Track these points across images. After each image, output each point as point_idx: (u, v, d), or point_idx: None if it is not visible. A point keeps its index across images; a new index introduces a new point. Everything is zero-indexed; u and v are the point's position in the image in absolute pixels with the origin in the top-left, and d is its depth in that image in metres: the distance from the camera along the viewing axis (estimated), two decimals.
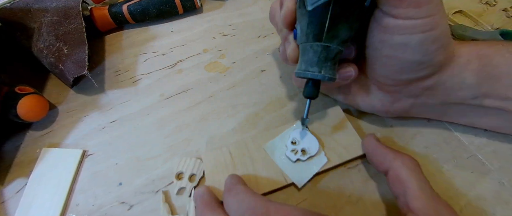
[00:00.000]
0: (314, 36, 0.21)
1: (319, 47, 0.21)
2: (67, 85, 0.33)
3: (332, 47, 0.21)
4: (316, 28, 0.20)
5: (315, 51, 0.21)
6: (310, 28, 0.21)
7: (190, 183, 0.26)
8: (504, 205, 0.24)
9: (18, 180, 0.27)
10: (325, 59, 0.21)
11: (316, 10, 0.20)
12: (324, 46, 0.21)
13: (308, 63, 0.22)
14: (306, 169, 0.25)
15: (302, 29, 0.22)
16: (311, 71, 0.22)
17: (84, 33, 0.32)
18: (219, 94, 0.32)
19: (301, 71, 0.22)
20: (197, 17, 0.40)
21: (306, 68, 0.22)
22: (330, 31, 0.20)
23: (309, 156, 0.26)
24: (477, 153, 0.27)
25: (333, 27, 0.20)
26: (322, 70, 0.21)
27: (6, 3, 0.34)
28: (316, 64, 0.21)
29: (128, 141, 0.29)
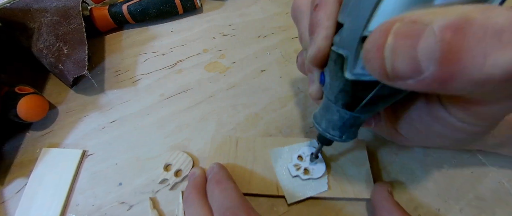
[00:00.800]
0: (344, 105, 0.17)
1: (347, 115, 0.18)
2: (67, 85, 0.33)
3: (363, 117, 0.18)
4: (350, 99, 0.17)
5: (342, 117, 0.18)
6: (342, 95, 0.17)
7: (175, 177, 0.26)
8: (504, 205, 0.24)
9: (18, 180, 0.27)
10: (350, 125, 0.19)
11: (354, 82, 0.15)
12: (353, 116, 0.18)
13: (330, 124, 0.19)
14: (301, 189, 0.25)
15: (332, 87, 0.17)
16: (331, 134, 0.19)
17: (84, 33, 0.32)
18: (219, 94, 0.32)
19: (321, 128, 0.20)
20: (197, 17, 0.40)
21: (326, 128, 0.19)
22: (367, 106, 0.17)
23: (309, 177, 0.25)
24: (477, 153, 0.27)
25: (372, 104, 0.16)
26: (344, 136, 0.19)
27: (6, 3, 0.34)
28: (339, 128, 0.19)
29: (128, 141, 0.29)
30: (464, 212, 0.24)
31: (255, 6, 0.42)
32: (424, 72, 0.10)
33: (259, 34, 0.38)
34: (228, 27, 0.39)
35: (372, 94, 0.15)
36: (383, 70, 0.11)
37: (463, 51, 0.09)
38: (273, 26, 0.39)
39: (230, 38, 0.38)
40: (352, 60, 0.15)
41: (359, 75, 0.15)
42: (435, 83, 0.10)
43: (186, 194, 0.23)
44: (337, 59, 0.16)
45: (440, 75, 0.10)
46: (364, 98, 0.16)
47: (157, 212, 0.25)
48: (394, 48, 0.10)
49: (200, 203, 0.21)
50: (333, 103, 0.18)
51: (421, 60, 0.10)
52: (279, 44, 0.37)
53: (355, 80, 0.15)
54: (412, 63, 0.10)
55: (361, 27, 0.13)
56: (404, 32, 0.10)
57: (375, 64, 0.11)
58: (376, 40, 0.11)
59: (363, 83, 0.15)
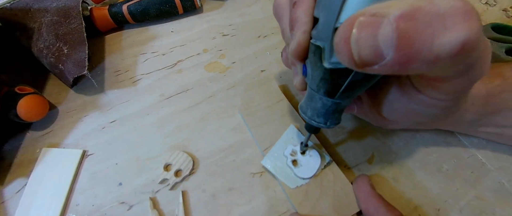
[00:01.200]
0: (326, 92, 0.19)
1: (329, 102, 0.19)
2: (67, 85, 0.33)
3: (343, 103, 0.20)
4: (330, 86, 0.18)
5: (324, 104, 0.20)
6: (322, 83, 0.18)
7: (175, 177, 0.26)
8: (504, 205, 0.24)
9: (18, 180, 0.27)
10: (333, 112, 0.20)
11: (332, 70, 0.17)
12: (334, 102, 0.19)
13: (315, 112, 0.21)
14: (307, 169, 0.25)
15: (313, 77, 0.19)
16: (317, 121, 0.21)
17: (84, 33, 0.32)
18: (219, 94, 0.32)
19: (307, 117, 0.21)
20: (197, 17, 0.40)
21: (312, 116, 0.21)
22: (346, 92, 0.18)
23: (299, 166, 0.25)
24: (477, 153, 0.27)
25: (349, 89, 0.18)
26: (328, 122, 0.21)
27: (6, 3, 0.34)
28: (323, 115, 0.20)
29: (128, 141, 0.29)
30: (464, 212, 0.24)
31: (255, 6, 0.42)
32: (385, 57, 0.12)
33: (259, 34, 0.38)
34: (228, 27, 0.39)
35: (349, 80, 0.17)
36: (351, 59, 0.13)
37: (415, 36, 0.11)
38: (273, 26, 0.39)
39: (230, 38, 0.38)
40: (328, 50, 0.16)
41: (336, 64, 0.16)
42: (396, 66, 0.12)
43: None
44: (316, 50, 0.17)
45: (398, 58, 0.11)
46: (342, 85, 0.17)
47: (157, 212, 0.25)
48: (358, 39, 0.12)
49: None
50: (315, 92, 0.20)
51: (381, 47, 0.11)
52: (279, 44, 0.37)
53: (332, 68, 0.17)
54: (374, 51, 0.12)
55: (333, 20, 0.15)
56: (365, 24, 0.12)
57: (344, 54, 0.13)
58: (343, 33, 0.12)
59: (339, 70, 0.17)
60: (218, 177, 0.27)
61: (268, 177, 0.26)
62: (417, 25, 0.11)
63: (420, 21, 0.11)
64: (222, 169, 0.27)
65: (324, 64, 0.17)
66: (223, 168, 0.27)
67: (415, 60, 0.11)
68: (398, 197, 0.25)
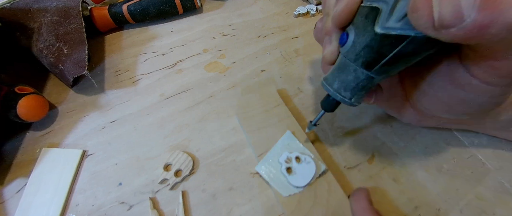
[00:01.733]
0: (364, 63, 0.17)
1: (363, 75, 0.18)
2: (67, 85, 0.33)
3: (376, 79, 0.18)
4: (372, 56, 0.17)
5: (357, 77, 0.18)
6: (365, 51, 0.17)
7: (175, 177, 0.26)
8: (504, 205, 0.24)
9: (18, 180, 0.27)
10: (362, 88, 0.19)
11: (384, 36, 0.16)
12: (369, 76, 0.18)
13: (343, 84, 0.19)
14: (301, 177, 0.25)
15: (355, 45, 0.17)
16: (342, 95, 0.19)
17: (84, 33, 0.32)
18: (219, 94, 0.32)
19: (332, 89, 0.20)
20: (197, 17, 0.40)
21: (338, 89, 0.19)
22: (386, 65, 0.17)
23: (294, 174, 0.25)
24: (477, 153, 0.27)
25: (392, 63, 0.16)
26: (353, 98, 0.19)
27: (6, 3, 0.34)
28: (351, 90, 0.19)
29: (128, 141, 0.29)
30: (464, 212, 0.24)
31: (255, 6, 0.42)
32: (466, 19, 0.11)
33: (259, 34, 0.38)
34: (228, 27, 0.39)
35: (397, 50, 0.16)
36: (430, 19, 0.12)
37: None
38: (273, 26, 0.39)
39: (230, 38, 0.38)
40: (386, 13, 0.15)
41: (390, 29, 0.15)
42: (475, 29, 0.11)
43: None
44: (369, 13, 0.16)
45: (480, 21, 0.11)
46: (387, 55, 0.16)
47: (157, 212, 0.25)
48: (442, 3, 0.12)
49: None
50: (352, 62, 0.18)
51: (464, 8, 0.11)
52: (279, 44, 0.37)
53: (384, 33, 0.15)
54: (456, 11, 0.11)
55: None
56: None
57: (423, 13, 0.12)
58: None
59: (392, 37, 0.15)
60: (218, 177, 0.27)
61: None
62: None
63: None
64: (222, 169, 0.27)
65: (376, 29, 0.16)
66: (223, 168, 0.27)
67: (498, 23, 0.11)
68: (398, 197, 0.25)
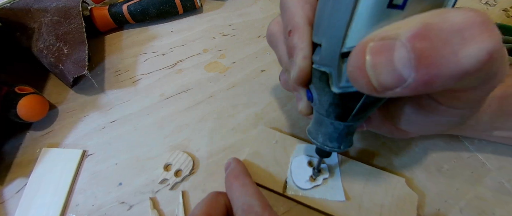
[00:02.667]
0: (336, 117, 0.18)
1: (340, 126, 0.19)
2: (67, 85, 0.33)
3: (355, 125, 0.19)
4: (341, 111, 0.18)
5: (336, 128, 0.19)
6: (332, 108, 0.18)
7: (175, 177, 0.26)
8: (504, 205, 0.24)
9: (18, 180, 0.27)
10: (346, 134, 0.19)
11: (343, 95, 0.16)
12: (346, 125, 0.19)
13: (326, 137, 0.20)
14: (309, 190, 0.24)
15: (322, 103, 0.18)
16: (330, 146, 0.20)
17: (84, 33, 0.32)
18: (219, 94, 0.32)
19: (318, 143, 0.20)
20: (197, 17, 0.40)
21: (324, 141, 0.20)
22: (358, 115, 0.17)
23: (315, 185, 0.24)
24: (477, 153, 0.27)
25: (362, 111, 0.17)
26: (342, 145, 0.20)
27: (6, 3, 0.34)
28: (336, 139, 0.19)
29: (128, 141, 0.29)
30: (464, 212, 0.24)
31: (255, 6, 0.42)
32: (407, 79, 0.11)
33: (259, 34, 0.38)
34: (228, 27, 0.39)
35: (361, 102, 0.16)
36: (370, 86, 0.12)
37: (434, 54, 0.11)
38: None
39: (230, 38, 0.38)
40: (336, 76, 0.16)
41: (346, 88, 0.16)
42: (420, 86, 0.11)
43: (228, 183, 0.23)
44: (321, 76, 0.17)
45: (422, 78, 0.11)
46: (354, 108, 0.17)
47: (157, 212, 0.25)
48: (373, 65, 0.12)
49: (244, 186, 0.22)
50: (325, 117, 0.19)
51: (400, 70, 0.11)
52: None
53: (342, 93, 0.16)
54: (394, 75, 0.11)
55: (339, 45, 0.15)
56: (377, 49, 0.12)
57: (361, 82, 0.13)
58: (356, 62, 0.12)
59: (350, 94, 0.16)
60: (218, 177, 0.26)
61: None
62: (434, 42, 0.10)
63: (437, 38, 0.10)
64: (222, 169, 0.27)
65: (333, 89, 0.16)
66: (223, 168, 0.27)
67: (440, 77, 0.11)
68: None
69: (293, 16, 0.18)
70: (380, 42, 0.11)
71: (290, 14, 0.18)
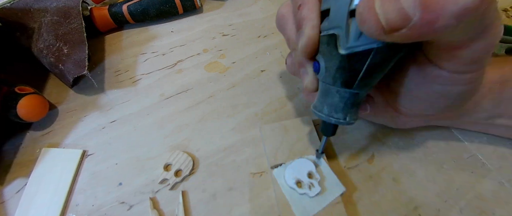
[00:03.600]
0: (343, 83, 0.18)
1: (346, 94, 0.19)
2: (67, 85, 0.33)
3: (361, 94, 0.19)
4: (347, 75, 0.17)
5: (342, 97, 0.19)
6: (339, 73, 0.18)
7: (175, 177, 0.26)
8: (504, 205, 0.24)
9: (18, 180, 0.27)
10: (351, 105, 0.19)
11: (350, 56, 0.16)
12: (353, 93, 0.19)
13: (332, 107, 0.20)
14: (311, 204, 0.24)
15: (328, 70, 0.18)
16: (335, 117, 0.20)
17: (84, 33, 0.32)
18: (219, 94, 0.32)
19: (323, 115, 0.20)
20: (197, 17, 0.40)
21: (329, 113, 0.20)
22: (364, 79, 0.17)
23: (317, 193, 0.24)
24: (477, 153, 0.27)
25: (368, 76, 0.17)
26: (347, 117, 0.20)
27: (6, 3, 0.34)
28: (342, 110, 0.19)
29: (128, 141, 0.29)
30: (464, 212, 0.24)
31: (255, 6, 0.42)
32: (412, 18, 0.12)
33: (259, 34, 0.38)
34: (228, 27, 0.39)
35: (367, 63, 0.16)
36: (379, 25, 0.13)
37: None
38: (273, 26, 0.39)
39: (230, 38, 0.38)
40: (344, 36, 0.16)
41: (353, 48, 0.16)
42: (425, 26, 0.12)
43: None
44: (330, 40, 0.17)
45: (426, 16, 0.12)
46: (361, 70, 0.17)
47: (157, 212, 0.25)
48: (382, 4, 0.12)
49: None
50: (331, 85, 0.19)
51: (407, 8, 0.12)
52: (279, 44, 0.37)
53: (350, 53, 0.16)
54: (400, 13, 0.12)
55: (347, 3, 0.15)
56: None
57: (371, 23, 0.13)
58: (366, 2, 0.13)
59: (357, 54, 0.16)
60: (218, 177, 0.26)
61: (268, 177, 0.26)
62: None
63: None
64: (222, 169, 0.27)
65: (341, 51, 0.17)
66: (223, 168, 0.27)
67: (443, 15, 0.12)
68: (398, 197, 0.25)
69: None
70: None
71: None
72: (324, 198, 0.24)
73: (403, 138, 0.28)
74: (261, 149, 0.28)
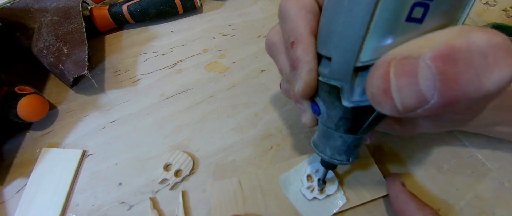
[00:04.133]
0: (346, 130, 0.18)
1: (350, 139, 0.18)
2: (67, 85, 0.33)
3: (365, 137, 0.19)
4: (352, 124, 0.17)
5: (345, 141, 0.18)
6: (343, 122, 0.17)
7: (175, 177, 0.26)
8: (504, 205, 0.24)
9: (18, 180, 0.27)
10: (354, 147, 0.19)
11: (355, 109, 0.16)
12: (356, 138, 0.18)
13: (335, 150, 0.19)
14: (323, 209, 0.24)
15: (330, 117, 0.18)
16: (339, 159, 0.19)
17: (84, 33, 0.32)
18: (219, 94, 0.32)
19: (326, 156, 0.20)
20: (197, 17, 0.40)
21: (332, 155, 0.19)
22: (369, 127, 0.17)
23: (326, 195, 0.24)
24: (477, 153, 0.27)
25: (374, 124, 0.17)
26: (350, 158, 0.19)
27: (6, 3, 0.34)
28: (345, 152, 0.19)
29: (128, 141, 0.29)
30: (464, 212, 0.24)
31: (255, 6, 0.42)
32: (430, 101, 0.11)
33: (259, 34, 0.38)
34: (228, 27, 0.39)
35: (374, 114, 0.16)
36: (394, 108, 0.12)
37: (458, 77, 0.11)
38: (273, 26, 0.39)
39: (230, 38, 0.38)
40: (348, 90, 0.15)
41: (359, 102, 0.15)
42: (441, 107, 0.11)
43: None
44: (331, 90, 0.16)
45: (445, 100, 0.11)
46: (366, 121, 0.16)
47: (157, 212, 0.25)
48: (399, 88, 0.12)
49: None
50: (334, 131, 0.18)
51: (425, 92, 0.11)
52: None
53: (355, 106, 0.16)
54: (418, 97, 0.11)
55: (352, 59, 0.14)
56: (402, 70, 0.11)
57: (386, 105, 0.12)
58: (380, 85, 0.12)
59: (363, 108, 0.16)
60: (218, 177, 0.26)
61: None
62: (458, 65, 0.10)
63: (461, 61, 0.10)
64: (222, 169, 0.27)
65: (345, 103, 0.16)
66: (223, 168, 0.27)
67: (463, 99, 0.11)
68: None
69: (296, 26, 0.17)
70: (404, 61, 0.11)
71: (292, 24, 0.18)
72: (333, 201, 0.24)
73: (403, 138, 0.28)
74: (261, 149, 0.28)
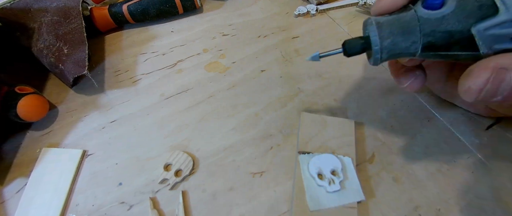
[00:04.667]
0: (425, 44, 0.18)
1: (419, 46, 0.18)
2: (67, 85, 0.33)
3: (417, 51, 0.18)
4: (439, 43, 0.18)
5: (412, 22, 0.18)
6: (440, 35, 0.17)
7: (175, 177, 0.26)
8: (504, 205, 0.24)
9: (18, 180, 0.27)
10: (405, 34, 0.18)
11: (482, 35, 0.17)
12: (420, 55, 0.18)
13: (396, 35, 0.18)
14: (326, 199, 0.24)
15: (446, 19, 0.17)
16: (382, 57, 0.19)
17: (84, 33, 0.32)
18: (219, 94, 0.32)
19: (378, 45, 0.18)
20: (197, 17, 0.40)
21: (386, 47, 0.18)
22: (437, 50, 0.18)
23: (335, 190, 0.24)
24: (477, 153, 0.27)
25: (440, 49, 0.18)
26: (389, 47, 0.18)
27: (6, 3, 0.34)
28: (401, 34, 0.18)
29: (128, 141, 0.29)
30: (464, 212, 0.24)
31: (255, 6, 0.42)
32: (495, 98, 0.16)
33: (259, 34, 0.38)
34: (228, 27, 0.39)
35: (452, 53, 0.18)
36: (477, 98, 0.17)
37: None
38: (273, 26, 0.39)
39: (230, 38, 0.38)
40: (502, 20, 0.16)
41: (495, 43, 0.17)
42: (497, 102, 0.17)
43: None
44: (484, 4, 0.17)
45: (503, 100, 0.16)
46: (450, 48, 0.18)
47: (157, 212, 0.25)
48: (488, 89, 0.16)
49: None
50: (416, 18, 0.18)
51: (498, 92, 0.16)
52: (279, 44, 0.37)
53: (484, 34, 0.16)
54: (492, 94, 0.16)
55: (469, 24, 0.17)
56: (497, 77, 0.16)
57: (471, 96, 0.17)
58: (479, 85, 0.16)
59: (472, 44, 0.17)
60: (218, 177, 0.26)
61: (268, 177, 0.26)
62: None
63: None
64: (222, 169, 0.27)
65: (475, 28, 0.16)
66: (223, 168, 0.27)
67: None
68: (398, 197, 0.25)
69: None
70: (501, 70, 0.15)
71: None
72: (340, 198, 0.24)
73: (403, 138, 0.28)
74: (261, 149, 0.28)
